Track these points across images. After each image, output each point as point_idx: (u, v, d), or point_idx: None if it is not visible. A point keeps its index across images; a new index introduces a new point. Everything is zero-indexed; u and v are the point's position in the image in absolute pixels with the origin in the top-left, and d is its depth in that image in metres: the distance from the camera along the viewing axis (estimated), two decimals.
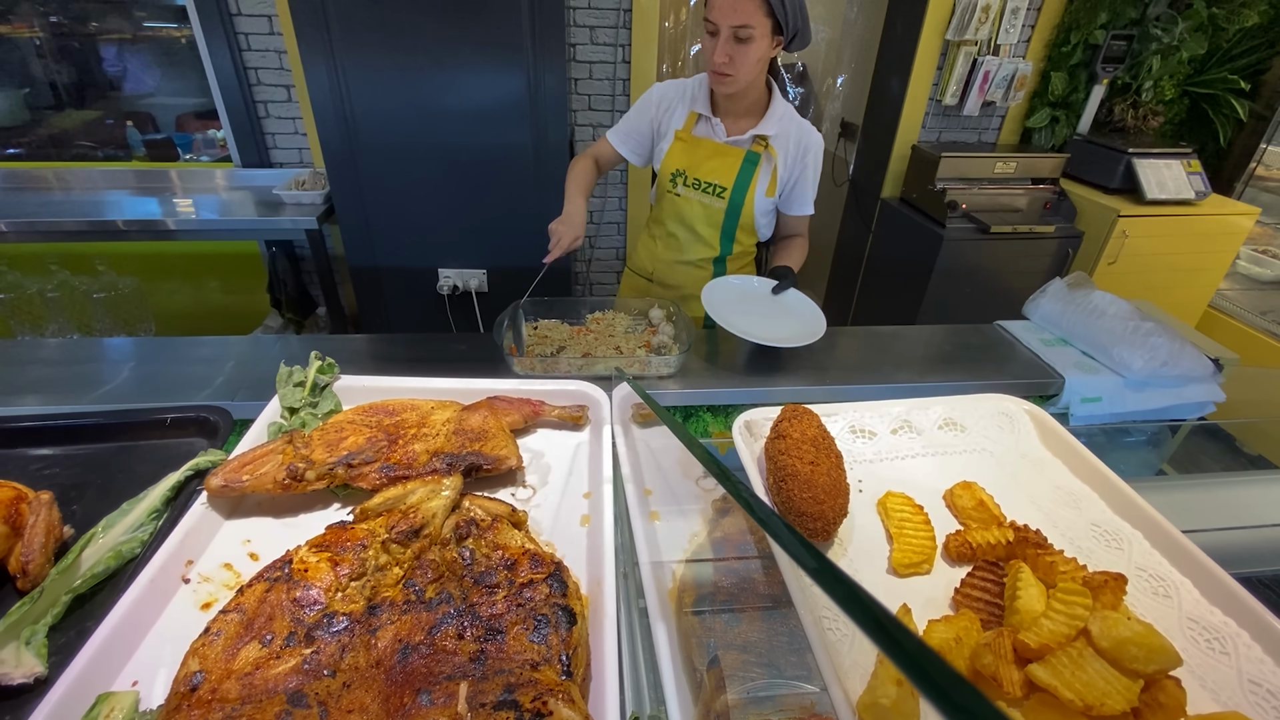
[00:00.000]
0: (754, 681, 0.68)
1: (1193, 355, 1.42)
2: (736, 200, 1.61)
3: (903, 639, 0.24)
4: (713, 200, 1.64)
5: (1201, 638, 0.60)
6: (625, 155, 1.72)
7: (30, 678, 0.54)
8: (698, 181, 1.62)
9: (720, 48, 1.38)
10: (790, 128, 1.59)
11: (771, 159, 1.58)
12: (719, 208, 1.64)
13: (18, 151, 2.83)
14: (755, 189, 1.61)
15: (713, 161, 1.60)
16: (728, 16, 1.34)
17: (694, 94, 1.62)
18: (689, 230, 1.71)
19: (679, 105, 1.64)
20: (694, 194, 1.64)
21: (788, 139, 1.59)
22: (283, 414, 0.85)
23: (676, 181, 1.65)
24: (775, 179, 1.61)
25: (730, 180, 1.60)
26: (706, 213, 1.66)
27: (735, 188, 1.60)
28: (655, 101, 1.66)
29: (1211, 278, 2.97)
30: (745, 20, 1.34)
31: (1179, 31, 2.80)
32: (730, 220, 1.65)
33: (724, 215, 1.64)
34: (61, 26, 2.74)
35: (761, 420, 0.86)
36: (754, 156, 1.58)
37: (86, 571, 0.64)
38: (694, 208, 1.66)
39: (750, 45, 1.37)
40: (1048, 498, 0.79)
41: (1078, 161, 3.00)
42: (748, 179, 1.59)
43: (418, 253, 2.69)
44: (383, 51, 2.35)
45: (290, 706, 0.49)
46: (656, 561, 0.70)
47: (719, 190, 1.62)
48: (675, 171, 1.64)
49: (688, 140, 1.62)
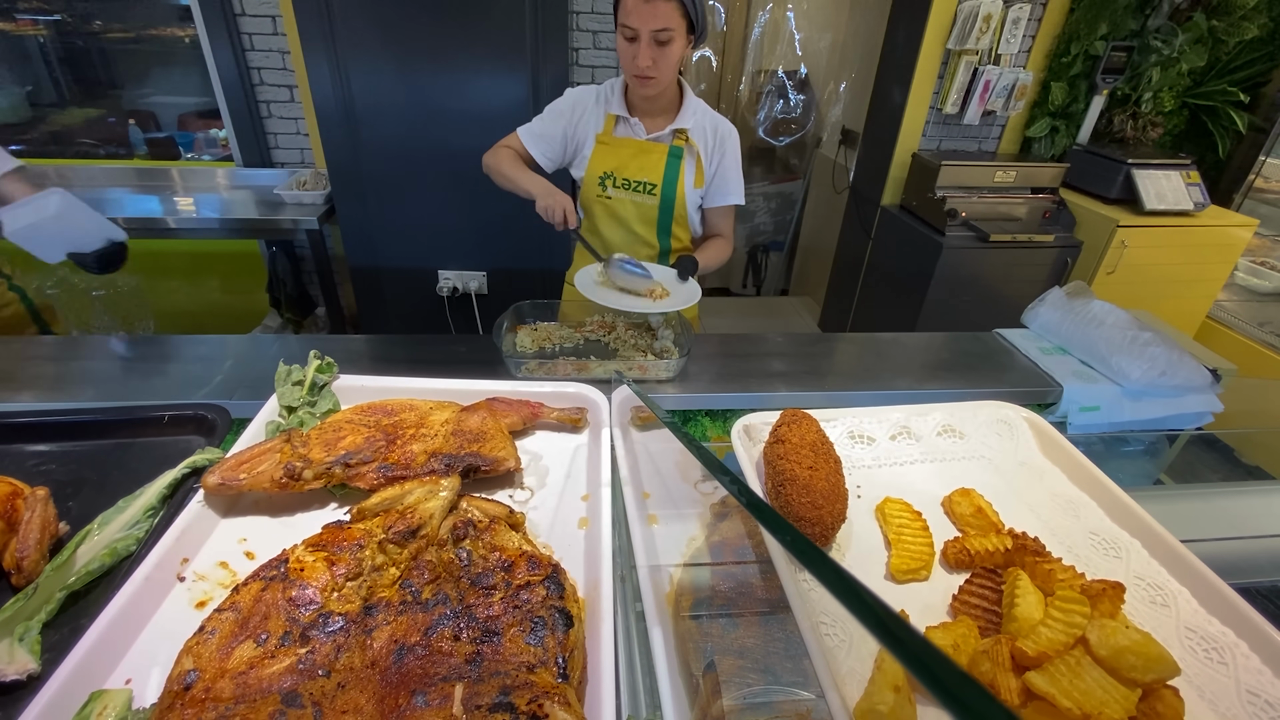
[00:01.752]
0: (750, 687, 0.68)
1: (1191, 365, 1.42)
2: (668, 195, 1.64)
3: (906, 637, 0.23)
4: (644, 198, 1.65)
5: (1200, 647, 0.60)
6: (534, 155, 1.70)
7: (23, 674, 0.54)
8: (627, 181, 1.64)
9: (643, 52, 1.42)
10: (705, 120, 1.64)
11: (694, 150, 1.63)
12: (652, 204, 1.66)
13: (20, 148, 2.84)
14: (684, 182, 1.64)
15: (639, 160, 1.63)
16: (648, 21, 1.38)
17: (607, 97, 1.64)
18: (625, 230, 1.71)
19: (593, 110, 1.66)
20: (625, 194, 1.66)
21: (704, 130, 1.64)
22: (281, 413, 0.84)
23: (605, 184, 1.66)
24: (700, 170, 1.65)
25: (659, 176, 1.62)
26: (640, 210, 1.68)
27: (665, 182, 1.63)
28: (568, 108, 1.67)
29: (1210, 288, 2.98)
30: (665, 24, 1.38)
31: (1179, 43, 2.82)
32: (665, 215, 1.67)
33: (658, 211, 1.66)
34: (66, 25, 2.75)
35: (760, 425, 0.86)
36: (677, 150, 1.62)
37: (81, 568, 0.64)
38: (627, 207, 1.67)
39: (670, 47, 1.42)
40: (1046, 505, 0.79)
41: (1077, 171, 3.01)
42: (675, 173, 1.62)
43: (418, 254, 2.69)
44: (386, 53, 2.35)
45: (284, 706, 0.48)
46: (654, 565, 0.70)
47: (649, 187, 1.64)
48: (603, 174, 1.65)
49: (610, 142, 1.64)
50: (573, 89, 1.70)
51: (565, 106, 1.67)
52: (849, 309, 3.66)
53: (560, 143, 1.69)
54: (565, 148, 1.70)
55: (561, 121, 1.67)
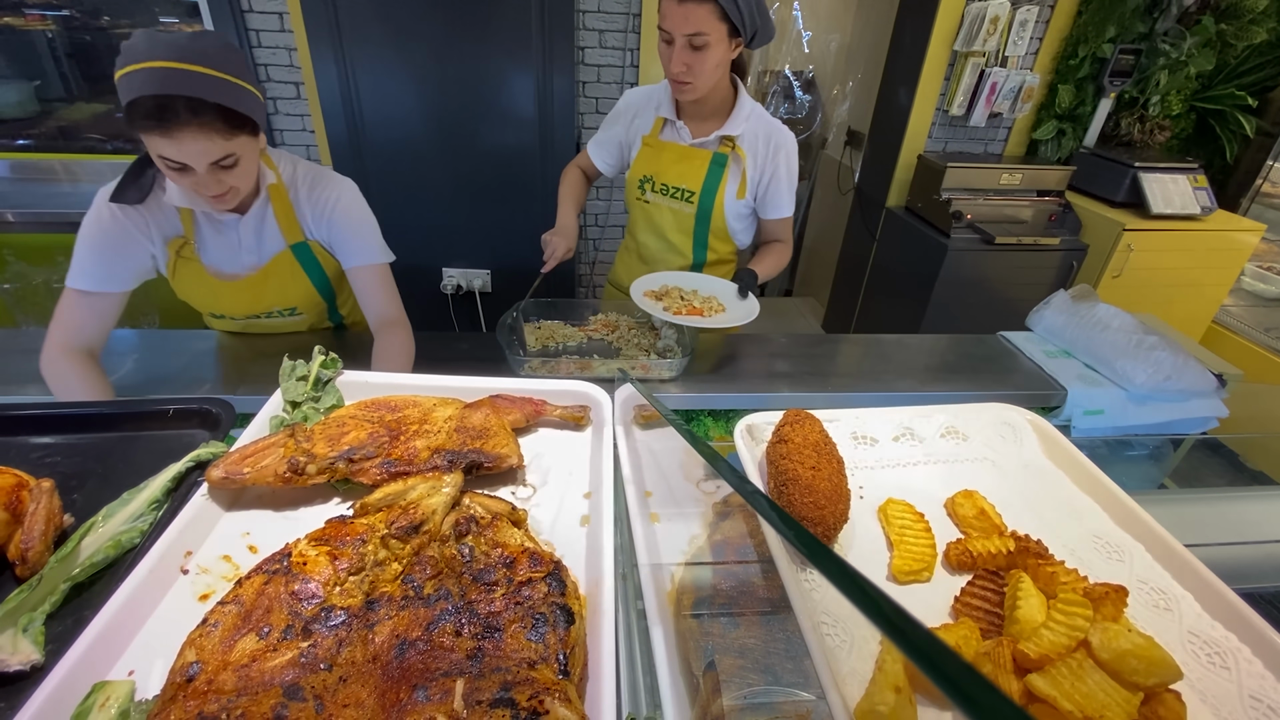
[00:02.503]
0: (750, 687, 0.68)
1: (1196, 370, 1.42)
2: (705, 204, 1.58)
3: (911, 630, 0.23)
4: (682, 205, 1.61)
5: (1202, 652, 0.60)
6: (599, 166, 1.70)
7: (26, 665, 0.54)
8: (665, 186, 1.60)
9: (676, 56, 1.36)
10: (759, 127, 1.55)
11: (740, 160, 1.55)
12: (689, 213, 1.61)
13: (27, 143, 2.84)
14: (724, 191, 1.57)
15: (679, 165, 1.58)
16: (680, 25, 1.31)
17: (660, 99, 1.59)
18: (660, 239, 1.68)
19: (646, 112, 1.62)
20: (662, 200, 1.62)
21: (756, 138, 1.55)
22: (285, 408, 0.85)
23: (645, 188, 1.63)
24: (745, 180, 1.57)
25: (698, 184, 1.57)
26: (677, 219, 1.63)
27: (704, 191, 1.57)
28: (624, 110, 1.65)
29: (1216, 293, 2.97)
30: (698, 28, 1.31)
31: (1187, 47, 2.80)
32: (701, 225, 1.62)
33: (694, 220, 1.61)
34: (74, 20, 2.76)
35: (763, 424, 0.86)
36: (721, 158, 1.55)
37: (85, 560, 0.64)
38: (664, 214, 1.64)
39: (706, 52, 1.34)
40: (1049, 508, 0.78)
41: (1084, 174, 3.00)
42: (716, 181, 1.56)
43: (422, 252, 2.70)
44: (392, 51, 2.36)
45: (286, 699, 0.48)
46: (656, 563, 0.70)
47: (687, 195, 1.58)
48: (643, 178, 1.63)
49: (654, 145, 1.60)
50: (630, 90, 1.66)
51: (622, 109, 1.65)
52: (853, 310, 3.66)
53: (617, 148, 1.68)
54: (623, 152, 1.68)
55: (619, 125, 1.66)
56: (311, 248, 1.37)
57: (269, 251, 1.35)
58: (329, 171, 1.38)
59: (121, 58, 1.02)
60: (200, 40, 1.05)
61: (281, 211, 1.31)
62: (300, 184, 1.32)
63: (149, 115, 1.01)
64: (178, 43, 1.02)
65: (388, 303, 1.40)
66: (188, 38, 1.04)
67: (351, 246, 1.37)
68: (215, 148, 1.08)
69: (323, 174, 1.36)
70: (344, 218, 1.35)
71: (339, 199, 1.34)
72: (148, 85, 1.00)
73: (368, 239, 1.39)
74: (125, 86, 1.01)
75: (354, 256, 1.38)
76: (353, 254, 1.38)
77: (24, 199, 2.57)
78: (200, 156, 1.07)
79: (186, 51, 1.02)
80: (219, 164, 1.10)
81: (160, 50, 1.01)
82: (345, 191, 1.36)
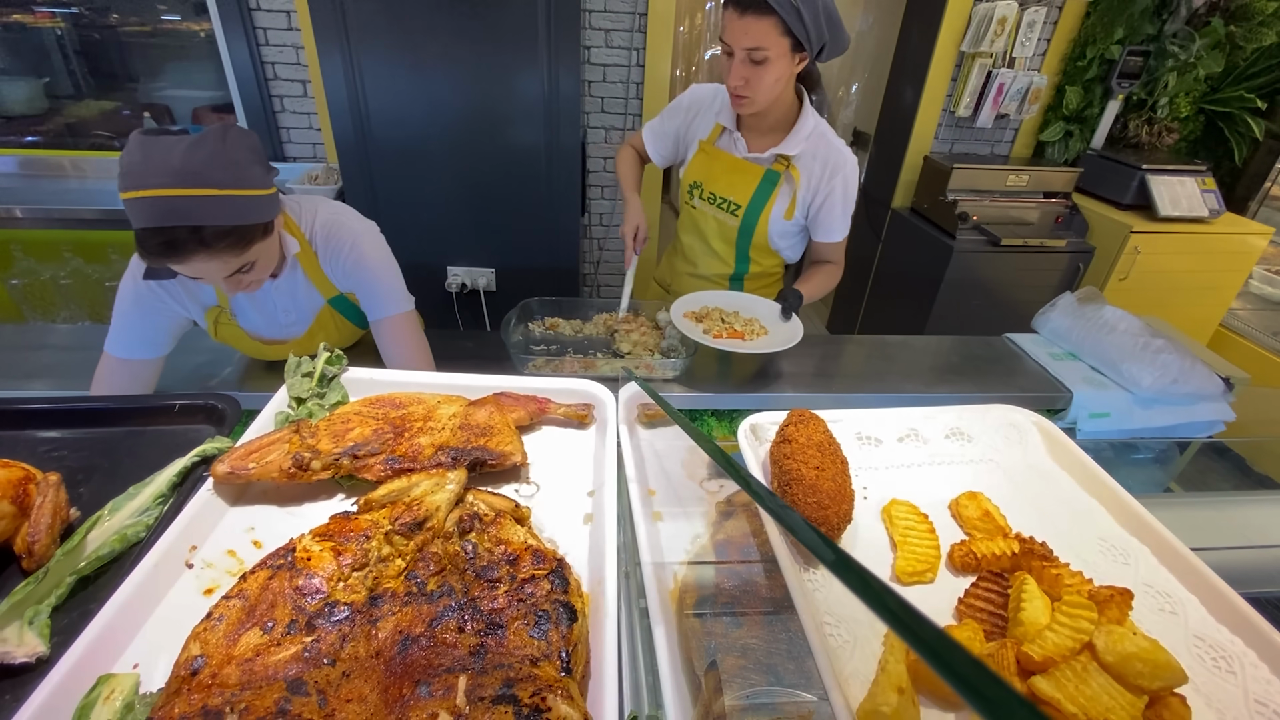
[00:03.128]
0: (752, 687, 0.68)
1: (1203, 373, 1.41)
2: (750, 219, 1.54)
3: (918, 625, 0.23)
4: (726, 216, 1.58)
5: (1208, 656, 0.60)
6: (650, 154, 1.70)
7: (32, 657, 0.54)
8: (713, 196, 1.58)
9: (735, 70, 1.31)
10: (819, 147, 1.48)
11: (793, 180, 1.49)
12: (732, 224, 1.58)
13: (36, 139, 2.86)
14: (771, 210, 1.52)
15: (730, 176, 1.54)
16: (740, 39, 1.27)
17: (722, 104, 1.54)
18: (704, 244, 1.67)
19: (707, 114, 1.59)
20: (709, 208, 1.60)
21: (814, 159, 1.48)
22: (290, 404, 0.85)
23: (694, 194, 1.62)
24: (795, 201, 1.51)
25: (745, 198, 1.53)
26: (720, 228, 1.61)
27: (750, 206, 1.53)
28: (686, 106, 1.62)
29: (1224, 296, 2.95)
30: (758, 43, 1.26)
31: (1196, 49, 2.79)
32: (744, 238, 1.58)
33: (737, 233, 1.58)
34: (83, 18, 2.78)
35: (767, 424, 0.86)
36: (773, 176, 1.50)
37: (91, 554, 0.64)
38: (709, 222, 1.62)
39: (766, 66, 1.29)
40: (1054, 510, 0.78)
41: (1091, 176, 2.99)
42: (764, 198, 1.52)
43: (427, 250, 2.70)
44: (398, 49, 2.36)
45: (289, 694, 0.49)
46: (658, 562, 0.70)
47: (733, 207, 1.56)
48: (693, 183, 1.61)
49: (709, 152, 1.58)
50: (696, 86, 1.62)
51: (684, 104, 1.63)
52: (858, 311, 3.65)
53: (673, 141, 1.66)
54: (677, 147, 1.67)
55: (677, 120, 1.63)
56: (347, 297, 1.33)
57: (309, 310, 1.32)
58: (343, 218, 1.29)
59: (122, 177, 0.94)
60: (198, 152, 0.95)
61: (311, 271, 1.26)
62: (318, 239, 1.26)
63: (155, 251, 0.97)
64: (172, 164, 0.93)
65: (411, 356, 1.32)
66: (184, 154, 0.94)
67: (369, 301, 1.31)
68: (228, 265, 1.04)
69: (336, 225, 1.27)
70: (357, 270, 1.27)
71: (350, 251, 1.26)
72: (149, 217, 0.94)
73: (383, 291, 1.30)
74: (129, 210, 0.95)
75: (372, 310, 1.31)
76: (370, 308, 1.31)
77: (32, 195, 2.58)
78: (214, 274, 1.04)
79: (184, 175, 0.94)
80: (235, 272, 1.07)
81: (155, 175, 0.93)
82: (359, 241, 1.27)
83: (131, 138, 0.95)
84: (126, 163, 0.94)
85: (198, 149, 0.95)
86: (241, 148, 1.01)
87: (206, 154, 0.96)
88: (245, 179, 1.01)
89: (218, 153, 0.97)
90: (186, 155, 0.94)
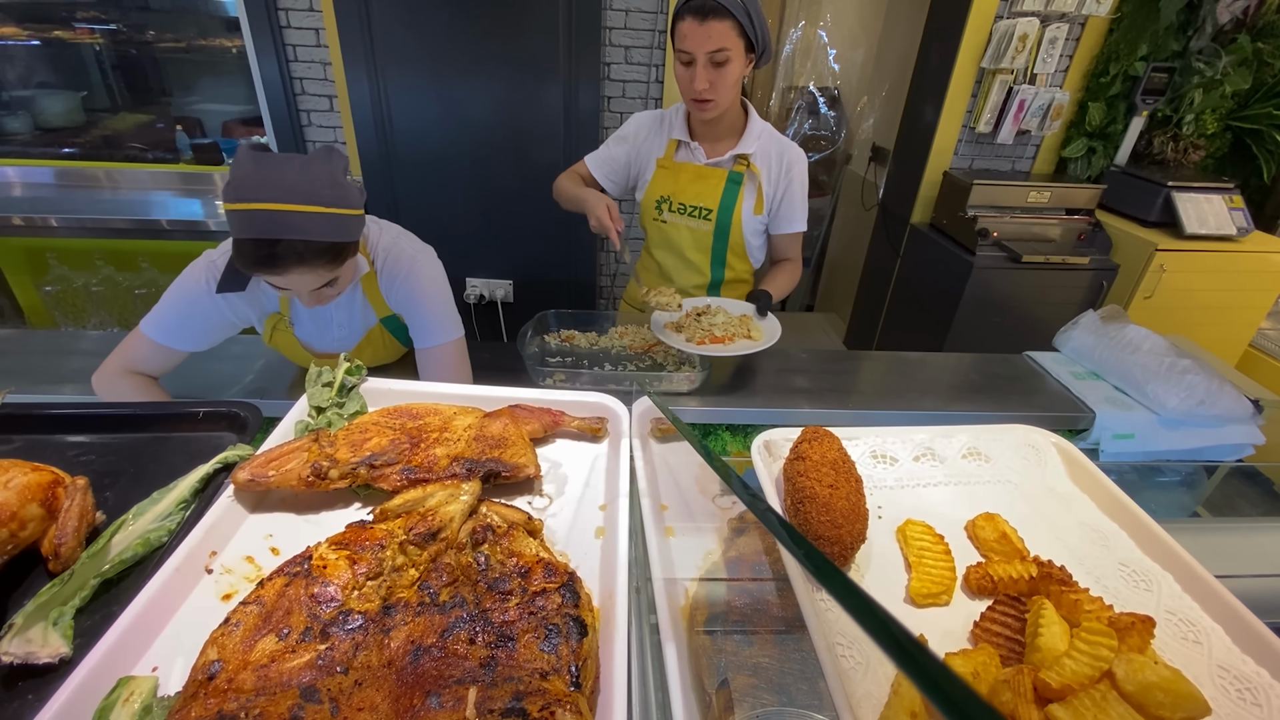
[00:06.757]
0: (763, 706, 0.67)
1: (1231, 395, 1.38)
2: (724, 221, 1.60)
3: (924, 660, 0.23)
4: (699, 223, 1.62)
5: (1232, 687, 0.58)
6: (600, 181, 1.71)
7: (55, 658, 0.55)
8: (683, 205, 1.62)
9: (699, 75, 1.39)
10: (770, 144, 1.59)
11: (755, 177, 1.58)
12: (706, 230, 1.62)
13: (73, 151, 2.96)
14: (741, 208, 1.60)
15: (696, 185, 1.60)
16: (703, 44, 1.35)
17: (671, 122, 1.62)
18: (678, 256, 1.69)
19: (657, 135, 1.65)
20: (680, 218, 1.64)
21: (769, 156, 1.59)
22: (310, 413, 0.86)
23: (662, 208, 1.65)
24: (761, 196, 1.60)
25: (715, 201, 1.59)
26: (694, 236, 1.65)
27: (721, 208, 1.59)
28: (633, 132, 1.67)
29: (1253, 316, 2.88)
30: (720, 44, 1.34)
31: (1222, 65, 2.75)
32: (719, 242, 1.64)
33: (712, 238, 1.63)
34: (121, 34, 2.87)
35: (781, 441, 0.85)
36: (737, 176, 1.57)
37: (115, 557, 0.66)
38: (681, 232, 1.66)
39: (727, 68, 1.38)
40: (1074, 534, 0.77)
41: (1115, 193, 2.95)
42: (733, 199, 1.59)
43: (446, 261, 2.73)
44: (422, 66, 2.41)
45: (303, 700, 0.49)
46: (670, 578, 0.70)
47: (704, 213, 1.61)
48: (660, 198, 1.64)
49: (670, 166, 1.63)
50: (638, 114, 1.70)
51: (629, 131, 1.68)
52: (875, 327, 3.62)
53: (624, 167, 1.69)
54: (629, 172, 1.70)
55: (625, 146, 1.67)
56: (398, 318, 1.37)
57: (362, 327, 1.37)
58: (402, 242, 1.33)
59: (230, 188, 0.98)
60: (309, 171, 1.01)
61: (370, 291, 1.31)
62: (379, 262, 1.30)
63: (256, 261, 1.01)
64: (286, 181, 0.98)
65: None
66: (297, 171, 1.00)
67: (416, 328, 1.34)
68: (319, 279, 1.09)
69: (396, 249, 1.31)
70: (409, 296, 1.31)
71: (406, 277, 1.30)
72: (258, 229, 0.98)
73: (431, 320, 1.33)
74: (233, 221, 1.00)
75: (419, 338, 1.34)
76: (417, 335, 1.34)
77: (67, 205, 2.67)
78: (304, 286, 1.09)
79: (295, 192, 0.99)
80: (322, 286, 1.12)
81: (269, 189, 0.97)
82: (415, 267, 1.31)
83: (241, 152, 1.00)
84: (238, 175, 0.98)
85: (309, 167, 1.01)
86: (340, 169, 1.07)
87: (316, 173, 1.02)
88: (347, 199, 1.06)
89: (325, 173, 1.03)
90: (300, 173, 1.00)
